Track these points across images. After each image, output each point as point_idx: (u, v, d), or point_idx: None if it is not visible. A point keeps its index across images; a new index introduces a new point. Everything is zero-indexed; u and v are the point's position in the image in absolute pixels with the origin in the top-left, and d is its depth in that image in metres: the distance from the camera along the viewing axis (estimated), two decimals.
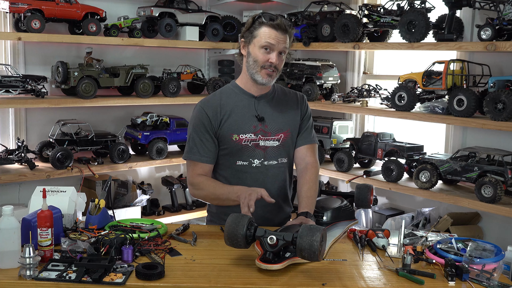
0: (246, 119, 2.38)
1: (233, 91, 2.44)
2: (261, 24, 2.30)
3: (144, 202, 4.02)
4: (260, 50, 2.30)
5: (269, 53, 2.30)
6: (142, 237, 2.07)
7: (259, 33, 2.30)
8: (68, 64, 3.63)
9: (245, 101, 2.41)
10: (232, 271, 1.85)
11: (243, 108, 2.40)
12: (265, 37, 2.28)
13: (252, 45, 2.32)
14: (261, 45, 2.29)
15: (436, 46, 3.26)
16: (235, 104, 2.39)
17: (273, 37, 2.27)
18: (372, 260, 2.01)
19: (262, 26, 2.29)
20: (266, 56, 2.30)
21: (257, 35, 2.30)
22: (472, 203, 3.08)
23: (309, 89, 3.97)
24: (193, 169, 2.40)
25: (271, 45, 2.28)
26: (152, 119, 4.05)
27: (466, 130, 3.49)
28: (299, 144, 2.49)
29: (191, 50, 4.55)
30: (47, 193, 2.07)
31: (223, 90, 2.48)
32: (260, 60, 2.31)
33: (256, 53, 2.31)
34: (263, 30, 2.29)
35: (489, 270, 1.84)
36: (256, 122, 2.39)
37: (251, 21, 2.34)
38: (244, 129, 2.37)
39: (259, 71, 2.33)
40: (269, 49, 2.29)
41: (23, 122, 3.76)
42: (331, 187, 4.24)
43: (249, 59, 2.35)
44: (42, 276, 1.74)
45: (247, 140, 2.37)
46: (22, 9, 3.41)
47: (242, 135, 2.36)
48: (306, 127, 2.50)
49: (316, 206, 2.36)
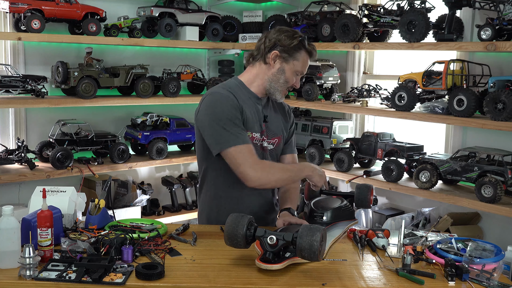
0: (255, 117, 2.37)
1: (240, 88, 2.37)
2: (303, 48, 2.33)
3: (144, 202, 4.02)
4: (294, 73, 2.35)
5: (297, 77, 2.38)
6: (142, 237, 2.07)
7: (300, 57, 2.34)
8: (68, 64, 3.63)
9: (253, 100, 2.39)
10: (232, 271, 1.85)
11: (252, 106, 2.37)
12: (303, 65, 2.36)
13: (290, 65, 2.34)
14: (297, 70, 2.35)
15: (436, 46, 3.26)
16: (245, 102, 2.34)
17: (307, 66, 2.38)
18: (372, 260, 2.01)
19: (303, 50, 2.34)
20: (295, 80, 2.38)
21: (298, 59, 2.33)
22: (472, 203, 3.07)
23: (309, 89, 3.97)
24: (251, 153, 2.22)
25: (302, 73, 2.37)
26: (152, 119, 4.05)
27: (466, 130, 3.49)
28: (286, 152, 2.56)
29: (191, 50, 4.55)
30: (47, 193, 2.07)
31: (229, 84, 2.39)
32: (291, 83, 2.37)
33: (290, 75, 2.35)
34: (303, 56, 2.35)
35: (489, 270, 1.84)
36: (262, 122, 2.40)
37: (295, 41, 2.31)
38: (255, 128, 2.36)
39: (281, 91, 2.37)
40: (299, 74, 2.37)
41: (23, 122, 3.77)
42: (331, 187, 4.25)
43: (280, 77, 2.35)
44: (42, 276, 1.74)
45: (256, 139, 2.37)
46: (22, 9, 3.41)
47: (254, 133, 2.35)
48: (292, 137, 2.60)
49: (316, 206, 2.37)
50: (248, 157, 2.21)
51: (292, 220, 2.22)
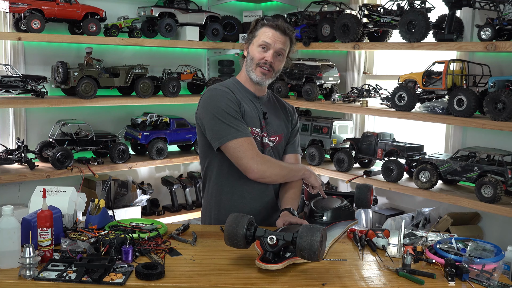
0: (254, 113, 2.41)
1: (236, 86, 2.44)
2: (261, 26, 2.37)
3: (144, 202, 4.02)
4: (258, 48, 2.36)
5: (265, 52, 2.35)
6: (142, 237, 2.07)
7: (259, 33, 2.37)
8: (68, 64, 3.63)
9: (251, 97, 2.44)
10: (232, 271, 1.85)
11: (249, 103, 2.42)
12: (263, 36, 2.35)
13: (252, 44, 2.39)
14: (258, 43, 2.36)
15: (436, 46, 3.26)
16: (242, 99, 2.40)
17: (270, 36, 2.34)
18: (372, 260, 2.00)
19: (262, 27, 2.37)
20: (262, 54, 2.35)
21: (256, 35, 2.38)
22: (472, 203, 3.07)
23: (309, 89, 3.97)
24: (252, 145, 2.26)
25: (267, 44, 2.34)
26: (152, 119, 4.05)
27: (466, 130, 3.49)
28: (288, 151, 2.57)
29: (191, 50, 4.55)
30: (47, 193, 2.07)
31: (226, 84, 2.44)
32: (256, 58, 2.36)
33: (253, 51, 2.37)
34: (262, 30, 2.37)
35: (489, 270, 1.84)
36: (261, 119, 2.43)
37: (254, 23, 2.41)
38: (254, 122, 2.39)
39: (254, 69, 2.37)
40: (266, 48, 2.35)
41: (23, 122, 3.76)
42: (331, 187, 4.24)
43: (248, 58, 2.41)
44: (42, 276, 1.73)
45: (256, 134, 2.39)
46: (22, 9, 3.41)
47: (254, 128, 2.38)
48: (295, 138, 2.60)
49: (316, 206, 2.37)
50: (249, 150, 2.24)
51: (293, 220, 2.22)
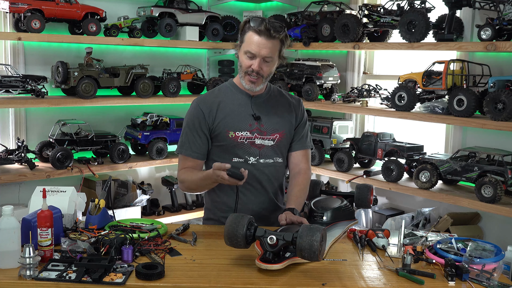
0: (242, 117, 2.41)
1: (230, 89, 2.47)
2: (248, 29, 2.30)
3: (144, 202, 4.02)
4: (244, 55, 2.32)
5: (252, 59, 2.31)
6: (142, 237, 2.07)
7: (245, 38, 2.31)
8: (68, 64, 3.63)
9: (242, 100, 2.44)
10: (232, 271, 1.85)
11: (239, 106, 2.42)
12: (248, 43, 2.29)
13: (240, 49, 2.35)
14: (244, 51, 2.31)
15: (436, 46, 3.26)
16: (232, 102, 2.42)
17: (254, 44, 2.27)
18: (372, 260, 2.00)
19: (249, 31, 2.30)
20: (249, 62, 2.32)
21: (244, 40, 2.32)
22: (472, 203, 3.07)
23: (309, 89, 3.97)
24: (183, 163, 2.45)
25: (251, 53, 2.29)
26: (152, 119, 4.05)
27: (466, 130, 3.49)
28: (294, 149, 2.52)
29: (191, 50, 4.55)
30: (47, 193, 2.07)
31: (221, 88, 2.51)
32: (244, 66, 2.34)
33: (241, 57, 2.35)
34: (248, 35, 2.30)
35: (489, 270, 1.84)
36: (252, 120, 2.41)
37: (242, 25, 2.35)
38: (240, 126, 2.39)
39: (243, 77, 2.36)
40: (252, 56, 2.30)
41: (23, 122, 3.76)
42: (331, 187, 4.25)
43: (238, 62, 2.39)
44: (42, 276, 1.73)
45: (243, 138, 2.39)
46: (22, 9, 3.41)
47: (238, 132, 2.38)
48: (303, 133, 2.53)
49: (316, 206, 2.37)
50: (179, 166, 2.47)
51: (293, 218, 2.22)
